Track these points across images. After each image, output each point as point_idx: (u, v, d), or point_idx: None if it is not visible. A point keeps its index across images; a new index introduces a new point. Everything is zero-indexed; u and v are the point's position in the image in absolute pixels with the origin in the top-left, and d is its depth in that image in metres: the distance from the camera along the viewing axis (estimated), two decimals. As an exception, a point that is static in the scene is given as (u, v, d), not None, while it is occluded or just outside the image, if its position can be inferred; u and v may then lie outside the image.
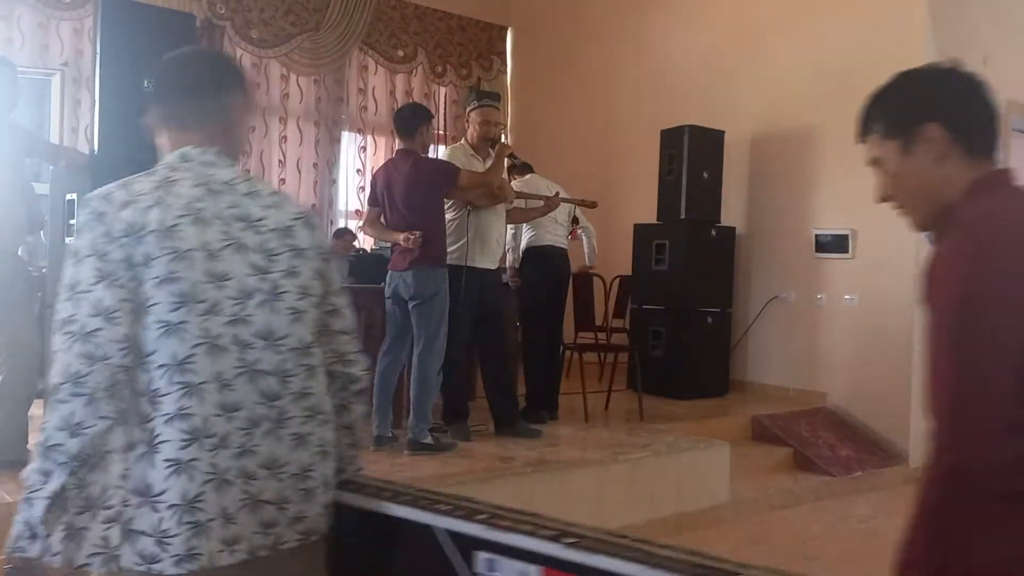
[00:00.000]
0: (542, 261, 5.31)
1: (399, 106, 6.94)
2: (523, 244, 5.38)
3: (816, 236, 6.48)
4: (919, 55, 6.02)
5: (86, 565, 1.40)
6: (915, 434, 5.97)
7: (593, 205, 5.46)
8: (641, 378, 5.84)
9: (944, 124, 1.38)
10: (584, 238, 6.01)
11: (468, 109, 4.88)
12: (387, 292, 4.37)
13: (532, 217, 5.24)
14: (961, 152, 1.38)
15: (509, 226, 5.23)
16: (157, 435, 1.40)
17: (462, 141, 4.91)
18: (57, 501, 1.35)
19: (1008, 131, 6.81)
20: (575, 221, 5.54)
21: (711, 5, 7.32)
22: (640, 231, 6.83)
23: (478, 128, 4.74)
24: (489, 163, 4.67)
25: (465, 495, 1.70)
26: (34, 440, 3.98)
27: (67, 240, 3.88)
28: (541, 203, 5.15)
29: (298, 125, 7.93)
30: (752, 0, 7.01)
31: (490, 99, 4.93)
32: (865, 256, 6.22)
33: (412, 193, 4.28)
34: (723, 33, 7.20)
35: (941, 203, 1.39)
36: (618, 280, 6.27)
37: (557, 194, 5.15)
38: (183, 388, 1.40)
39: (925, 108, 1.41)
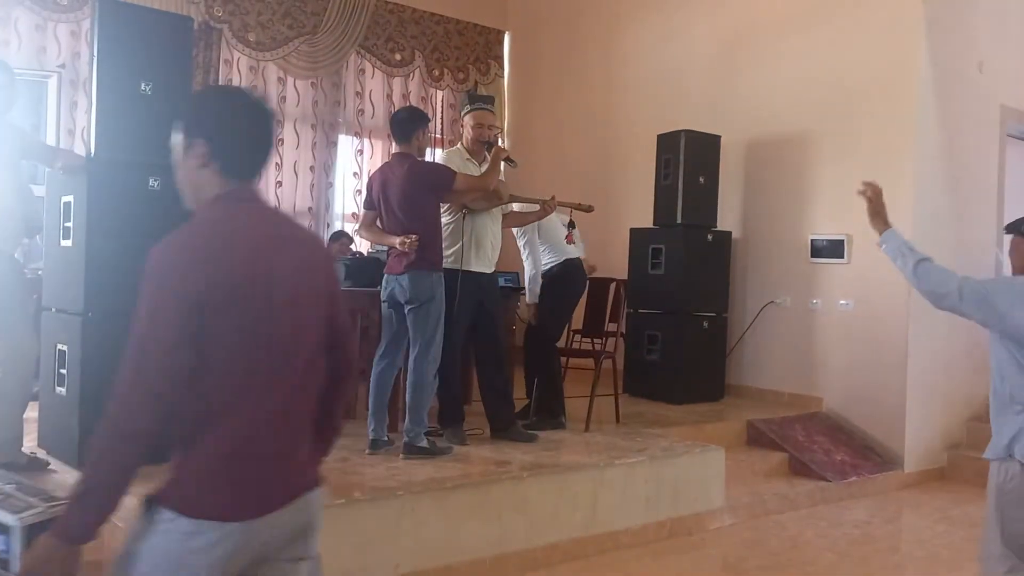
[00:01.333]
0: (574, 275, 5.35)
1: (396, 109, 6.95)
2: (558, 260, 5.34)
3: (812, 241, 6.49)
4: (914, 61, 6.05)
5: None
6: (910, 439, 5.98)
7: (590, 209, 5.46)
8: (618, 382, 5.77)
9: (207, 142, 1.73)
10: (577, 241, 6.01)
11: (462, 113, 4.89)
12: (383, 295, 4.37)
13: (529, 221, 5.24)
14: (217, 168, 1.74)
15: (524, 252, 5.24)
16: None
17: (458, 145, 4.92)
18: None
19: (1003, 136, 6.83)
20: (571, 225, 5.53)
21: (708, 11, 7.33)
22: (636, 235, 6.83)
23: (472, 131, 4.75)
24: (485, 167, 4.67)
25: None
26: (28, 442, 3.98)
27: (63, 243, 3.88)
28: (537, 207, 5.16)
29: (295, 128, 7.93)
30: (749, 6, 7.03)
31: (483, 102, 4.94)
32: (860, 261, 6.23)
33: (408, 197, 4.28)
34: (720, 39, 7.22)
35: (197, 202, 1.78)
36: (614, 284, 6.27)
37: (553, 197, 5.14)
38: None
39: (201, 125, 1.75)
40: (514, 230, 5.36)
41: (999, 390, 2.83)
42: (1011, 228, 3.07)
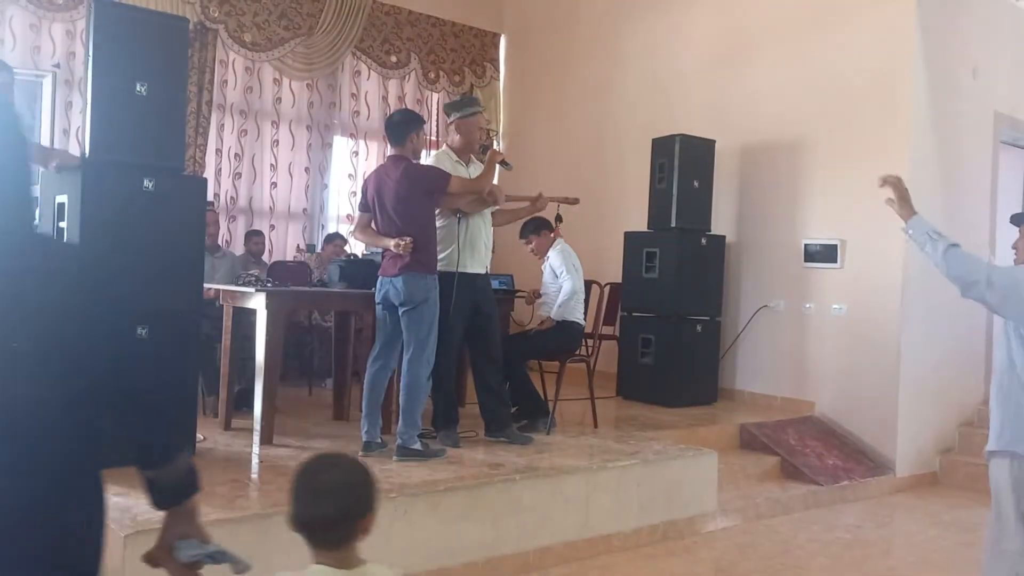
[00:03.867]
0: (572, 338, 5.32)
1: (391, 112, 6.95)
2: (565, 317, 5.29)
3: (805, 246, 6.51)
4: (909, 67, 6.07)
5: None
6: (902, 444, 6.00)
7: (575, 201, 5.47)
8: (593, 385, 5.73)
9: None
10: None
11: (459, 116, 4.81)
12: (377, 298, 4.37)
13: (520, 217, 5.24)
14: None
15: (561, 271, 5.24)
16: None
17: (444, 147, 4.87)
18: None
19: (996, 143, 6.86)
20: (558, 219, 5.55)
21: (703, 15, 7.35)
22: (631, 239, 6.84)
23: (472, 134, 4.73)
24: (472, 168, 4.69)
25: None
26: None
27: (57, 242, 3.87)
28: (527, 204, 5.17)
29: (290, 129, 7.92)
30: (744, 11, 7.05)
31: (479, 105, 4.95)
32: (853, 266, 6.26)
33: (403, 199, 4.29)
34: (715, 43, 7.24)
35: None
36: (608, 287, 6.29)
37: (540, 194, 5.14)
38: None
39: None
40: (552, 259, 5.36)
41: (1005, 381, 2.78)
42: (1020, 219, 3.02)
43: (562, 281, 5.31)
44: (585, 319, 5.49)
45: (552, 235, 5.51)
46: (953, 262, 2.80)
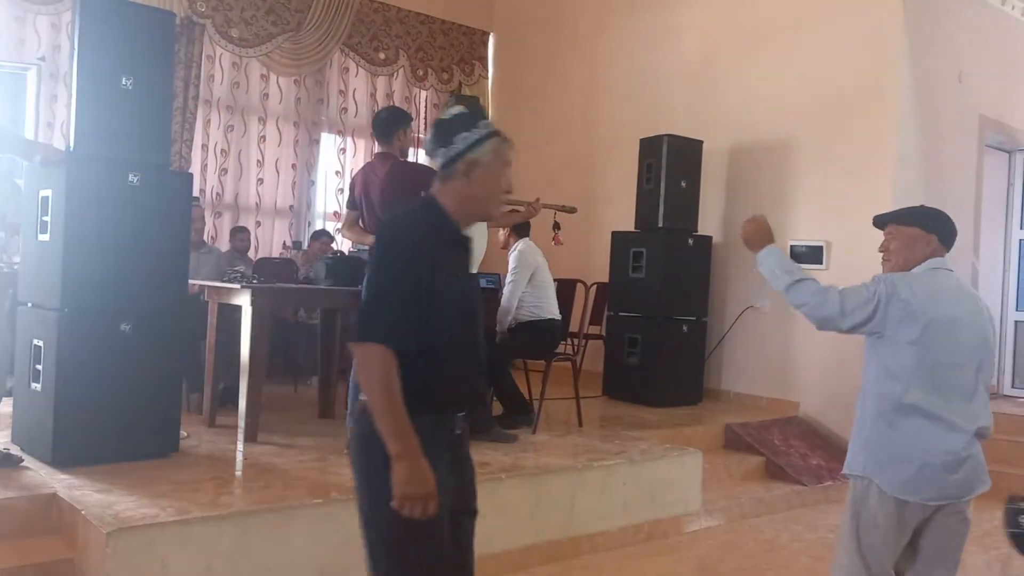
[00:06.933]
0: (550, 335, 5.30)
1: (379, 109, 6.92)
2: (540, 317, 5.26)
3: (791, 247, 6.53)
4: (895, 70, 6.10)
5: None
6: (885, 445, 6.02)
7: (573, 210, 5.46)
8: (579, 384, 5.73)
9: None
10: None
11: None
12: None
13: (513, 221, 5.24)
14: None
15: (507, 286, 5.22)
16: None
17: None
18: None
19: (981, 146, 6.91)
20: (556, 227, 5.53)
21: (692, 17, 7.37)
22: (618, 239, 6.85)
23: None
24: None
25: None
26: (1, 438, 3.93)
27: (40, 237, 3.83)
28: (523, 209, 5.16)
29: (277, 125, 7.89)
30: (733, 13, 7.07)
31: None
32: (839, 267, 6.28)
33: (390, 197, 4.27)
34: (703, 44, 7.26)
35: None
36: (595, 287, 6.29)
37: (538, 199, 5.15)
38: None
39: None
40: (509, 261, 5.33)
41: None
42: (907, 219, 2.83)
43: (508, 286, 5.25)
44: (560, 315, 5.44)
45: (514, 239, 5.43)
46: (800, 291, 2.70)
